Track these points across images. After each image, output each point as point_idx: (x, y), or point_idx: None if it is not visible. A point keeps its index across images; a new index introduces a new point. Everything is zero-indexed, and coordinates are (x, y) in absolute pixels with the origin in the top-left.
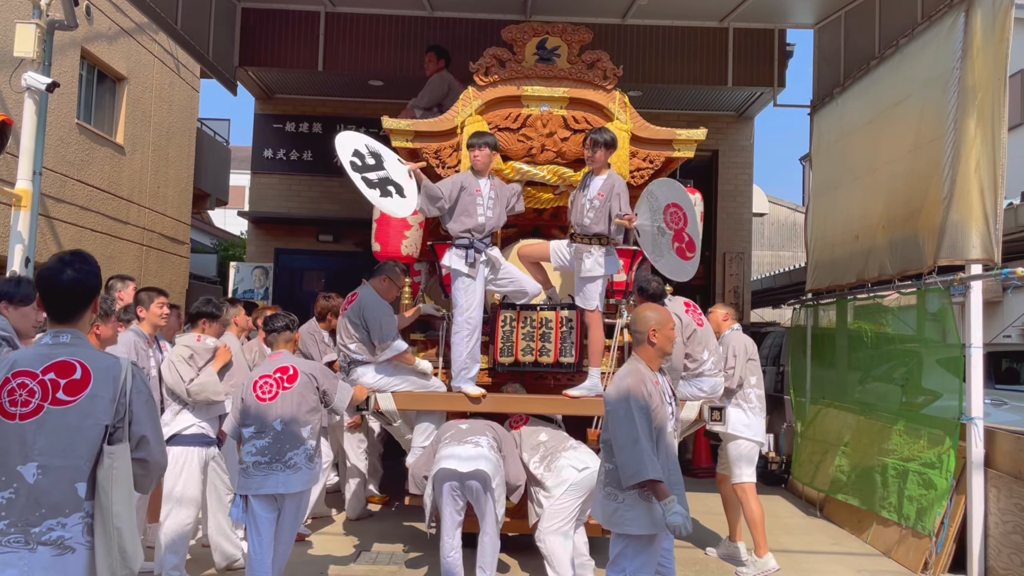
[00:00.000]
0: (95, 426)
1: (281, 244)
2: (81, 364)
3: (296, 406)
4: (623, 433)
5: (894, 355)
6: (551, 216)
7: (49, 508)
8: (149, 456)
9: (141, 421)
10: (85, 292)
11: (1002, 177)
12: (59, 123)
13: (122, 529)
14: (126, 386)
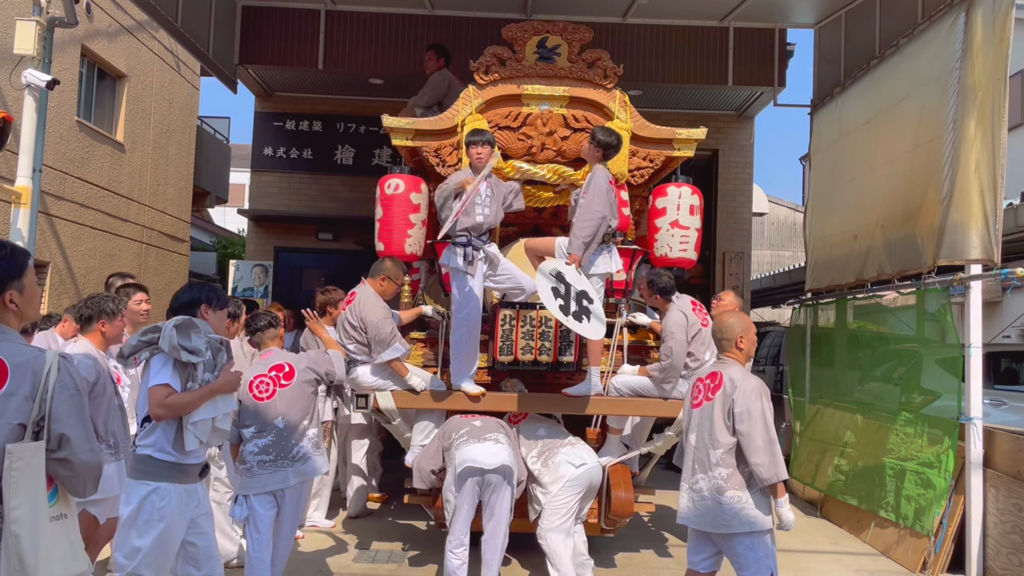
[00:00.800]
0: (6, 426)
1: (281, 242)
2: (2, 361)
3: (296, 401)
4: (762, 433)
5: (893, 355)
6: (551, 215)
7: None
8: (71, 456)
9: (60, 418)
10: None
11: (1002, 177)
12: (59, 120)
13: (21, 537)
14: (48, 381)
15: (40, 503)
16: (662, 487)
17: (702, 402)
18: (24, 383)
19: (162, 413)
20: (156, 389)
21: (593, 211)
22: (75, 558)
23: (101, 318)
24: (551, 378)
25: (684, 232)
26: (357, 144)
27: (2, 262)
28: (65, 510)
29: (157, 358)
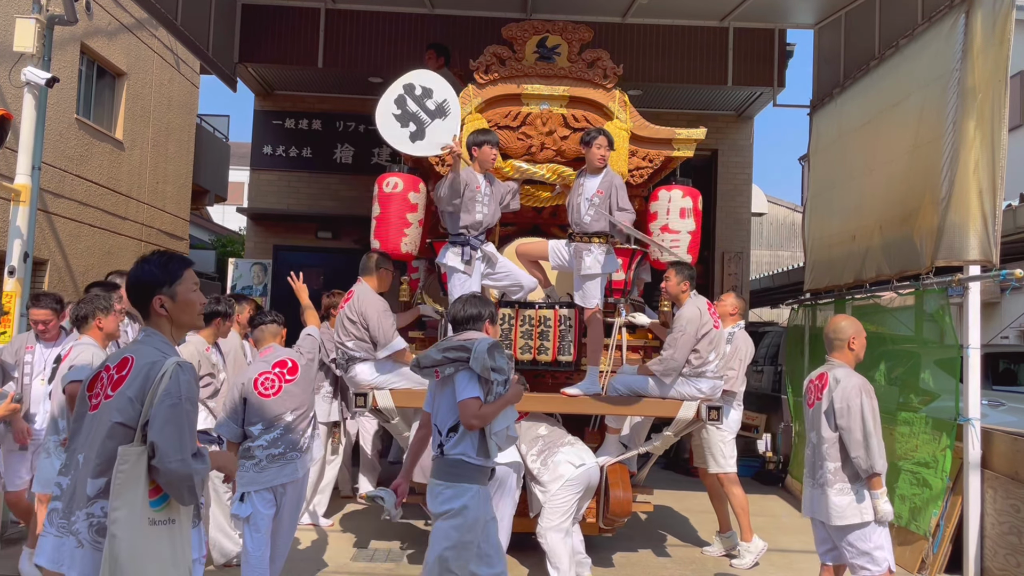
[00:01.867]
0: (108, 423)
1: (280, 241)
2: (131, 359)
3: (302, 396)
4: (860, 427)
5: (891, 355)
6: (550, 215)
7: (79, 499)
8: (159, 463)
9: (155, 425)
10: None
11: (1001, 179)
12: (58, 118)
13: (116, 536)
14: (158, 388)
15: (141, 506)
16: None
17: (814, 402)
18: (134, 384)
19: (475, 423)
20: (469, 402)
21: (627, 208)
22: (175, 564)
23: (96, 315)
24: (550, 377)
25: (674, 236)
26: (356, 143)
27: (155, 269)
28: (174, 515)
29: (464, 374)
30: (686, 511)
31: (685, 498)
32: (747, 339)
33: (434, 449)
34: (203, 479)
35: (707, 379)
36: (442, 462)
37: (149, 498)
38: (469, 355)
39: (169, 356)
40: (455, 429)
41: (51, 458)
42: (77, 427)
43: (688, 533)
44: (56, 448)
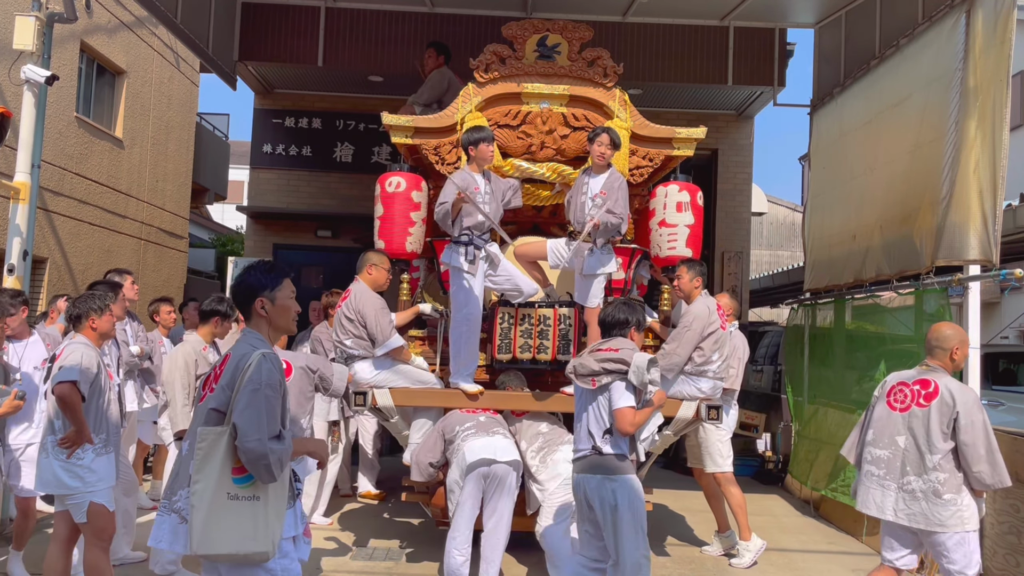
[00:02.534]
0: (204, 409)
1: (279, 239)
2: (230, 355)
3: (294, 399)
4: (984, 443)
5: (891, 355)
6: (550, 213)
7: (182, 480)
8: (240, 443)
9: (237, 408)
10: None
11: (1002, 178)
12: (58, 116)
13: (196, 508)
14: (244, 376)
15: (220, 482)
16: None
17: (911, 406)
18: (227, 375)
19: (630, 430)
20: (626, 411)
21: (621, 213)
22: (255, 538)
23: (90, 315)
24: (550, 377)
25: (671, 230)
26: (356, 142)
27: (259, 274)
28: (259, 493)
29: (620, 384)
30: (684, 510)
31: (684, 497)
32: (743, 339)
33: (584, 449)
34: (281, 460)
35: (708, 379)
36: (598, 459)
37: (234, 476)
38: (627, 367)
39: (257, 349)
40: (610, 431)
41: (49, 458)
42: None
43: (687, 532)
44: (54, 448)
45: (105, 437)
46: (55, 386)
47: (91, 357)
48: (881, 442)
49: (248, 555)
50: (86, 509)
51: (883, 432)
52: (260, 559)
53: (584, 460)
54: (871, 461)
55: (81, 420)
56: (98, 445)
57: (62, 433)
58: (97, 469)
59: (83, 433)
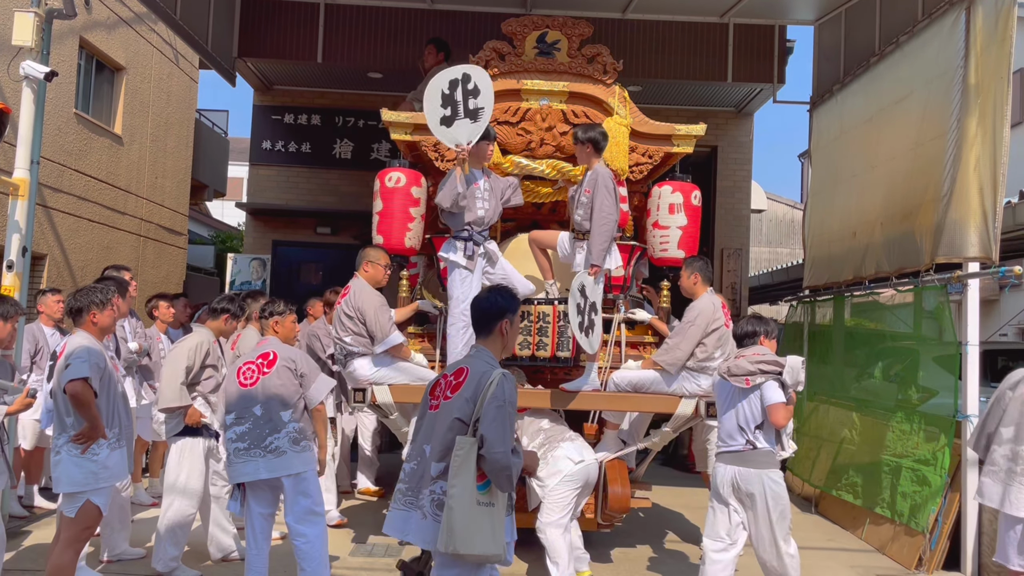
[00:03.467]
0: (449, 419)
1: (279, 236)
2: (467, 370)
3: (274, 390)
4: None
5: (890, 352)
6: (550, 210)
7: (425, 480)
8: (487, 452)
9: (485, 422)
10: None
11: (1003, 175)
12: (57, 113)
13: (452, 510)
14: (488, 391)
15: (471, 488)
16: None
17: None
18: (470, 388)
19: (784, 423)
20: (779, 406)
21: (605, 216)
22: (494, 541)
23: (91, 309)
24: (548, 373)
25: (664, 232)
26: (356, 138)
27: (507, 298)
28: (493, 500)
29: (772, 383)
30: (684, 507)
31: (683, 494)
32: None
33: (738, 444)
34: (519, 472)
35: (709, 375)
36: (755, 453)
37: (476, 482)
38: (780, 368)
39: (495, 368)
40: (762, 426)
41: (62, 455)
42: (419, 424)
43: (686, 529)
44: (67, 446)
45: (118, 431)
46: (67, 384)
47: (97, 353)
48: (1021, 437)
49: (488, 556)
50: (79, 506)
51: (1001, 424)
52: (496, 560)
53: (737, 454)
54: (1012, 458)
55: (95, 416)
56: (112, 439)
57: (75, 430)
58: (111, 465)
59: (98, 428)
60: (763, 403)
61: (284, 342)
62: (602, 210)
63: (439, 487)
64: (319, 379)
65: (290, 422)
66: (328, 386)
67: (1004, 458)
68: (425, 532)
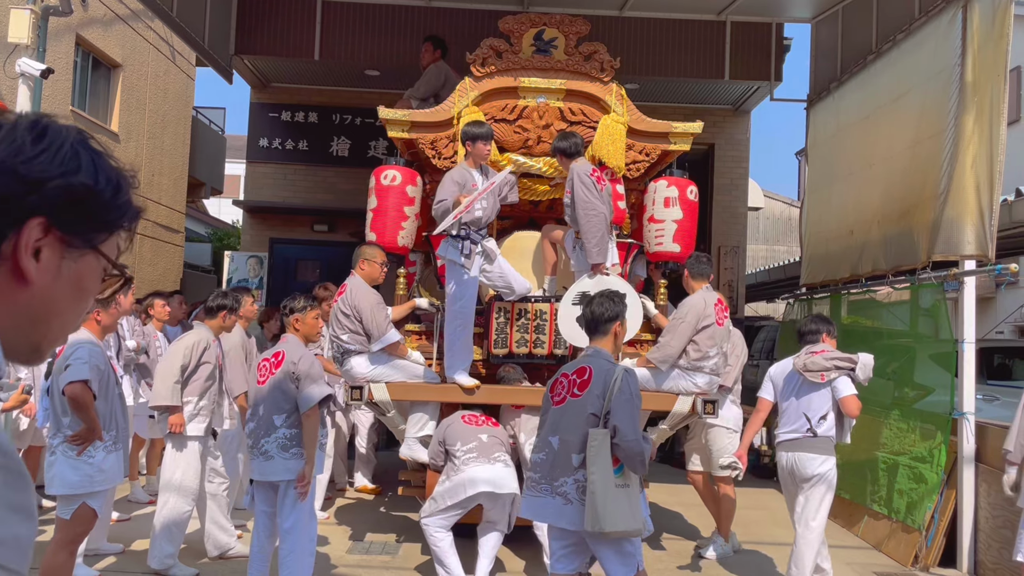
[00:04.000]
0: (583, 413)
1: (276, 234)
2: (590, 369)
3: (272, 392)
4: None
5: (887, 350)
6: (547, 208)
7: (561, 469)
8: (620, 441)
9: (616, 413)
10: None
11: (999, 173)
12: (53, 110)
13: (595, 494)
14: (614, 387)
15: (609, 473)
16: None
17: None
18: (598, 385)
19: (857, 413)
20: (853, 398)
21: (589, 211)
22: (633, 518)
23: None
24: (546, 371)
25: (659, 226)
26: (353, 136)
27: (621, 303)
28: (628, 482)
29: (845, 378)
30: (680, 505)
31: (680, 492)
32: (739, 335)
33: (798, 431)
34: (649, 454)
35: (704, 374)
36: (814, 440)
37: (612, 467)
38: (854, 365)
39: (617, 365)
40: (825, 417)
41: (57, 455)
42: (544, 419)
43: (682, 527)
44: (63, 447)
45: (115, 434)
46: (66, 386)
47: (98, 353)
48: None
49: (630, 532)
50: (75, 508)
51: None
52: (636, 534)
53: (797, 441)
54: None
55: (93, 418)
56: (108, 442)
57: (71, 431)
58: (107, 468)
59: (96, 431)
60: (835, 396)
61: (305, 340)
62: (583, 206)
63: (581, 475)
64: (314, 384)
65: (281, 427)
66: (320, 392)
67: None
68: (572, 515)
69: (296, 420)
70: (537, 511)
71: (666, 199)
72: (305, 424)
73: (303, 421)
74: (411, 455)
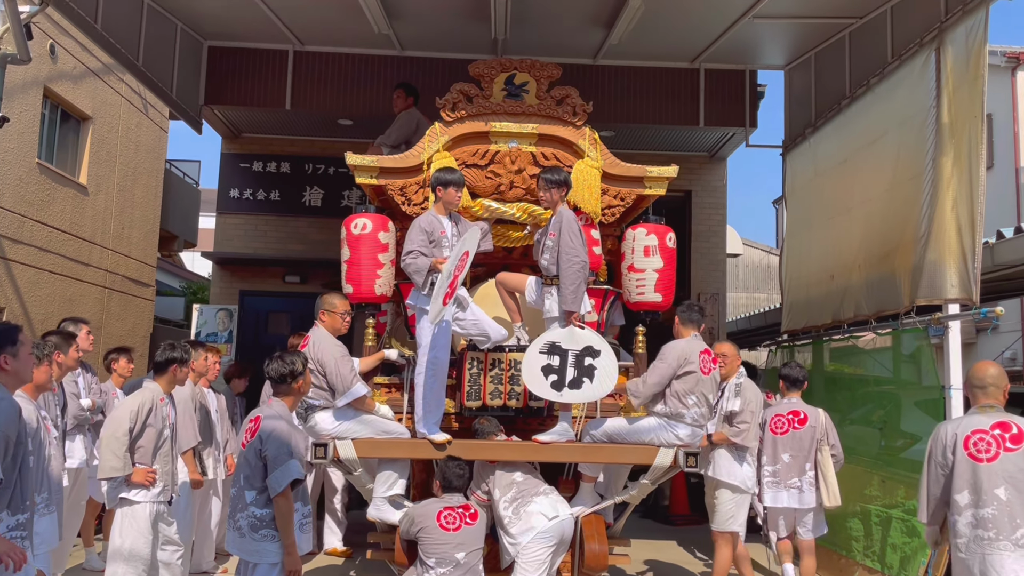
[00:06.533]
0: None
1: (246, 286)
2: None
3: (244, 465)
4: None
5: (872, 397)
6: (521, 255)
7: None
8: None
9: None
10: None
11: (980, 215)
12: (19, 163)
13: None
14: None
15: None
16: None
17: (998, 454)
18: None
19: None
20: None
21: (573, 258)
22: None
23: None
24: (521, 424)
25: (640, 275)
26: (326, 185)
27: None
28: None
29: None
30: (666, 563)
31: (665, 548)
32: (754, 388)
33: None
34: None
35: (686, 425)
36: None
37: None
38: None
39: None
40: None
41: None
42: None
43: None
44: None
45: (47, 496)
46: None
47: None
48: (981, 500)
49: None
50: None
51: (978, 488)
52: None
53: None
54: (976, 524)
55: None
56: (40, 505)
57: None
58: (41, 531)
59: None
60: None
61: (293, 403)
62: (568, 252)
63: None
64: (285, 465)
65: (251, 505)
66: (290, 475)
67: (968, 526)
68: None
69: (268, 500)
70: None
71: (646, 248)
72: (276, 508)
73: (275, 504)
74: (380, 516)
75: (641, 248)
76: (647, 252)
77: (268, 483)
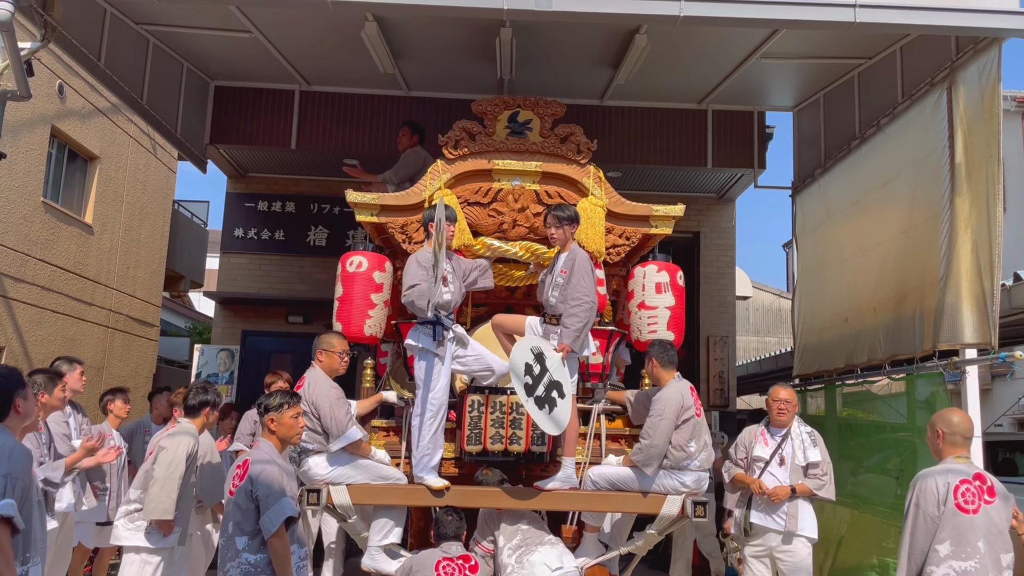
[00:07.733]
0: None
1: (249, 326)
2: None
3: (234, 510)
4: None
5: (887, 444)
6: (524, 294)
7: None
8: None
9: None
10: None
11: (999, 257)
12: (24, 201)
13: None
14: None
15: None
16: None
17: (980, 506)
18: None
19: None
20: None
21: (582, 297)
22: None
23: None
24: (523, 470)
25: (651, 312)
26: (331, 225)
27: None
28: None
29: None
30: None
31: None
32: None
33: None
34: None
35: (691, 472)
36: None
37: None
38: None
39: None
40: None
41: None
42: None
43: None
44: None
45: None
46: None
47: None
48: (964, 552)
49: None
50: None
51: (962, 540)
52: None
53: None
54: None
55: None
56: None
57: None
58: None
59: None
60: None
61: (282, 444)
62: (578, 290)
63: None
64: (278, 504)
65: (244, 551)
66: (284, 512)
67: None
68: None
69: (261, 544)
70: None
71: (657, 284)
72: (272, 550)
73: (270, 546)
74: (374, 566)
75: (652, 284)
76: (659, 289)
77: (261, 524)
